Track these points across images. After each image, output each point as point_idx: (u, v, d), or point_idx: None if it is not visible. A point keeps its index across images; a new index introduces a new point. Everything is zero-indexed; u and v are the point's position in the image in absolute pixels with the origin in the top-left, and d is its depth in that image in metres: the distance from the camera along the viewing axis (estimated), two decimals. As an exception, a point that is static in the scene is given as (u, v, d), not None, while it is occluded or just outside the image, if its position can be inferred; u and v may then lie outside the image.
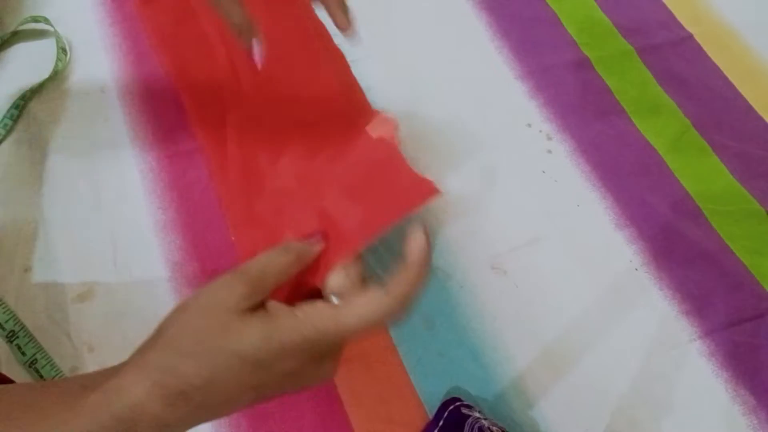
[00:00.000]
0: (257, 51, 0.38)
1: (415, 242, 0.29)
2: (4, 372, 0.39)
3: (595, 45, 0.59)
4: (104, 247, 0.44)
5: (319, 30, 0.41)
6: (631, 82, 0.58)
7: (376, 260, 0.43)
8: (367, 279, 0.31)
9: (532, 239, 0.48)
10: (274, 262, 0.30)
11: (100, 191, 0.47)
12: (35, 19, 0.53)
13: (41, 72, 0.51)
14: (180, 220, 0.46)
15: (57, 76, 0.51)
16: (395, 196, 0.34)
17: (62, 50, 0.52)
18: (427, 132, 0.53)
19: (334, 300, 0.30)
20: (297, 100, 0.41)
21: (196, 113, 0.51)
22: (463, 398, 0.40)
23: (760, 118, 0.57)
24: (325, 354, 0.29)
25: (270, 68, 0.39)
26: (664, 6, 0.64)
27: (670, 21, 0.63)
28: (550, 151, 0.53)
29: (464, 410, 0.39)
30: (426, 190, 0.34)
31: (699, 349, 0.45)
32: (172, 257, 0.45)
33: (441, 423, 0.39)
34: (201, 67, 0.52)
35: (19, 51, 0.53)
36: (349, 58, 0.54)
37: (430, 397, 0.41)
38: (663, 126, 0.55)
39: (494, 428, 0.38)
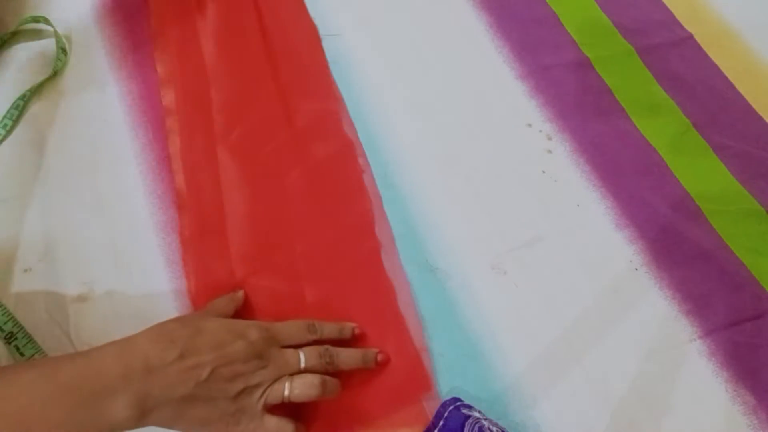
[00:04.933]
0: None
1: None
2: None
3: (595, 45, 0.59)
4: (104, 247, 0.44)
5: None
6: (631, 82, 0.58)
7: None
8: None
9: (532, 239, 0.48)
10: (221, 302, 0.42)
11: (100, 191, 0.47)
12: (35, 19, 0.53)
13: (41, 72, 0.51)
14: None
15: (57, 76, 0.51)
16: (394, 389, 0.41)
17: (62, 50, 0.52)
18: (427, 132, 0.53)
19: None
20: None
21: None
22: (463, 398, 0.40)
23: (760, 118, 0.57)
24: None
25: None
26: (664, 6, 0.64)
27: (670, 21, 0.63)
28: (550, 151, 0.53)
29: (464, 410, 0.39)
30: (421, 387, 0.41)
31: (699, 349, 0.45)
32: (172, 257, 0.45)
33: (441, 423, 0.39)
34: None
35: (19, 51, 0.53)
36: (347, 60, 0.56)
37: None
38: (663, 126, 0.55)
39: (494, 428, 0.38)
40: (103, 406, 0.31)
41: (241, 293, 0.43)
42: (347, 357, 0.40)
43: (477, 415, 0.39)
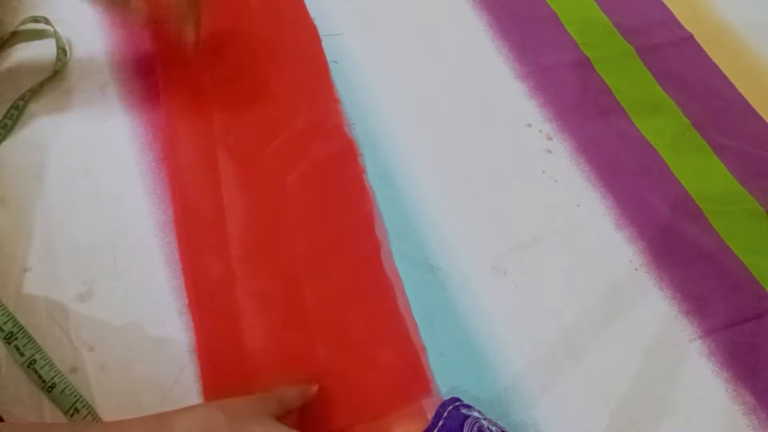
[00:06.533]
0: None
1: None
2: (3, 372, 0.39)
3: (595, 45, 0.59)
4: (104, 247, 0.44)
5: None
6: (631, 82, 0.58)
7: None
8: None
9: (532, 239, 0.48)
10: (290, 393, 0.37)
11: (100, 191, 0.47)
12: (35, 19, 0.53)
13: (41, 72, 0.51)
14: (180, 220, 0.46)
15: (57, 76, 0.51)
16: (393, 389, 0.41)
17: (62, 50, 0.52)
18: (427, 131, 0.53)
19: None
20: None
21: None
22: (462, 398, 0.40)
23: (760, 118, 0.57)
24: None
25: None
26: (664, 6, 0.64)
27: (670, 21, 0.63)
28: (550, 151, 0.53)
29: (464, 410, 0.39)
30: (420, 387, 0.41)
31: (699, 349, 0.45)
32: (171, 257, 0.45)
33: (441, 423, 0.39)
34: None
35: (19, 51, 0.53)
36: (347, 60, 0.56)
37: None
38: (663, 126, 0.55)
39: (494, 428, 0.38)
40: None
41: (315, 388, 0.39)
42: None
43: (476, 414, 0.39)
